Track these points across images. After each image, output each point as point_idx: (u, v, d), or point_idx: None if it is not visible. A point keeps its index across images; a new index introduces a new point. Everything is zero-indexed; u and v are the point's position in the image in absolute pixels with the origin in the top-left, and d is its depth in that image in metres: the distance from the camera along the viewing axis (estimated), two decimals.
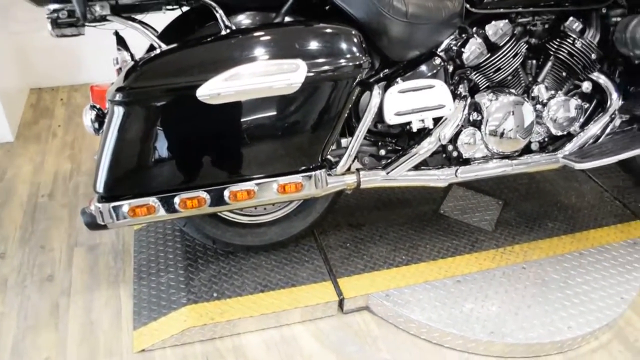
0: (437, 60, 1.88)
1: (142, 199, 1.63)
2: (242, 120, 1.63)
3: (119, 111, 1.51)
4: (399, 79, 1.83)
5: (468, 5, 1.86)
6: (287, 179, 1.71)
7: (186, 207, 1.66)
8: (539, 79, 2.03)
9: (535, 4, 1.89)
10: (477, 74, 1.95)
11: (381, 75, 1.86)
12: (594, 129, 2.07)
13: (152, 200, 1.63)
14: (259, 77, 1.55)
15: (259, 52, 1.57)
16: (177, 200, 1.65)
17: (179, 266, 2.03)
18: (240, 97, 1.57)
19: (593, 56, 2.00)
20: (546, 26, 2.01)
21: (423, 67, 1.86)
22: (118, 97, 1.49)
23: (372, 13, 1.69)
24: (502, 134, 1.95)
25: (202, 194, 1.66)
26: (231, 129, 1.65)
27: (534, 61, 2.03)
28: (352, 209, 2.34)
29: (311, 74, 1.57)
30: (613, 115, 2.07)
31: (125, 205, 1.61)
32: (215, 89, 1.52)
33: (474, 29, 1.92)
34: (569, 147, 2.06)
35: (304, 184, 1.72)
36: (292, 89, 1.57)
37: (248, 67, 1.54)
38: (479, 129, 1.94)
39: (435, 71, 1.87)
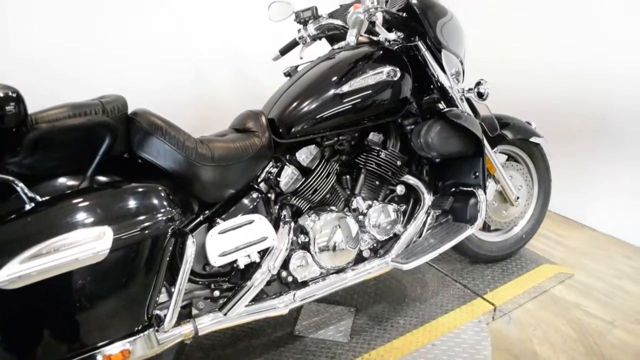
0: (255, 194, 1.94)
1: None
2: (55, 296, 1.53)
3: None
4: (218, 220, 1.86)
5: (275, 138, 1.97)
6: (111, 348, 1.61)
7: None
8: (356, 192, 2.16)
9: (336, 126, 2.05)
10: (297, 198, 2.04)
11: (201, 218, 1.87)
12: (415, 226, 2.22)
13: None
14: (62, 252, 1.48)
15: (61, 224, 1.51)
16: None
17: None
18: (45, 275, 1.49)
19: (398, 163, 2.18)
20: (353, 143, 2.17)
21: (242, 203, 1.91)
22: None
23: (180, 163, 1.73)
24: (332, 249, 2.02)
25: None
26: (44, 308, 1.54)
27: (348, 176, 2.17)
28: (207, 349, 2.26)
29: (119, 238, 1.54)
30: (429, 211, 2.24)
31: None
32: (14, 274, 1.43)
33: (287, 156, 2.03)
34: (397, 248, 2.18)
35: (131, 349, 1.63)
36: (100, 257, 1.52)
37: (49, 243, 1.48)
38: (308, 250, 2.00)
39: (254, 205, 1.92)
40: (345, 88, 2.02)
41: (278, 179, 1.98)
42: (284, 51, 2.47)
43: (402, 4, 2.15)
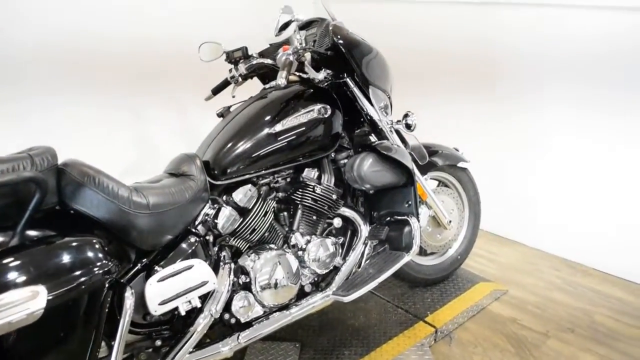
0: (193, 238, 1.93)
1: None
2: None
3: None
4: (157, 267, 1.84)
5: (211, 180, 1.98)
6: None
7: None
8: (294, 228, 2.19)
9: (271, 165, 2.08)
10: (236, 239, 2.04)
11: (139, 266, 1.85)
12: (354, 258, 2.27)
13: None
14: None
15: None
16: None
17: None
18: None
19: (334, 196, 2.23)
20: (288, 179, 2.21)
21: (180, 248, 1.90)
22: None
23: (114, 212, 1.70)
24: (274, 287, 2.04)
25: None
26: None
27: (286, 213, 2.20)
28: None
29: (54, 296, 1.49)
30: (366, 242, 2.30)
31: None
32: None
33: (224, 198, 2.03)
34: (337, 281, 2.22)
35: None
36: (34, 318, 1.47)
37: None
38: (250, 290, 2.01)
39: (192, 249, 1.91)
40: (278, 127, 2.06)
41: (215, 221, 1.98)
42: (216, 91, 2.49)
43: (329, 44, 2.23)
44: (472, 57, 3.41)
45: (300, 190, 2.18)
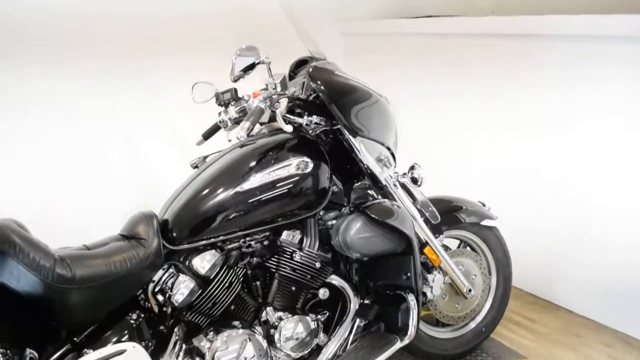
0: (135, 314, 1.66)
1: None
2: None
3: None
4: (86, 349, 1.57)
5: (167, 244, 1.71)
6: None
7: None
8: (269, 300, 1.88)
9: (240, 228, 1.79)
10: (194, 314, 1.76)
11: (69, 346, 1.59)
12: (338, 338, 1.92)
13: None
14: None
15: None
16: None
17: None
18: None
19: (317, 265, 1.90)
20: (265, 243, 1.90)
21: (117, 328, 1.64)
22: None
23: (36, 286, 1.49)
24: None
25: None
26: None
27: (259, 282, 1.90)
28: None
29: None
30: (354, 319, 1.95)
31: None
32: None
33: (185, 264, 1.76)
34: None
35: None
36: None
37: None
38: None
39: (132, 328, 1.64)
40: (247, 185, 1.77)
41: (170, 291, 1.70)
42: (207, 135, 2.24)
43: (310, 90, 1.93)
44: None
45: (276, 256, 1.87)
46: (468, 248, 2.48)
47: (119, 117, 3.02)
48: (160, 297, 1.76)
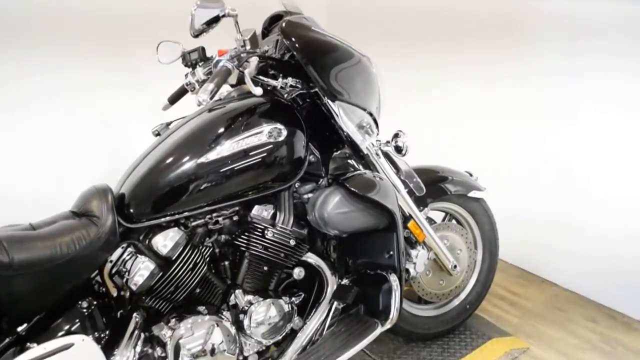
0: (86, 302, 1.47)
1: None
2: None
3: None
4: (29, 343, 1.39)
5: (123, 221, 1.52)
6: None
7: None
8: (239, 282, 1.70)
9: (204, 203, 1.60)
10: (153, 299, 1.58)
11: (11, 338, 1.41)
12: (315, 322, 1.77)
13: None
14: None
15: None
16: None
17: None
18: None
19: (292, 242, 1.73)
20: (234, 218, 1.72)
21: (65, 318, 1.45)
22: None
23: None
24: None
25: None
26: None
27: (227, 262, 1.72)
28: None
29: None
30: (332, 301, 1.79)
31: None
32: None
33: (145, 243, 1.57)
34: (291, 352, 1.72)
35: None
36: None
37: None
38: None
39: (81, 318, 1.46)
40: (213, 155, 1.58)
41: (127, 275, 1.52)
42: (173, 100, 2.02)
43: (284, 49, 1.72)
44: None
45: (246, 234, 1.69)
46: (454, 221, 2.33)
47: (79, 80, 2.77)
48: (118, 280, 1.58)
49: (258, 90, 1.56)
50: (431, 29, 3.11)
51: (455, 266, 2.18)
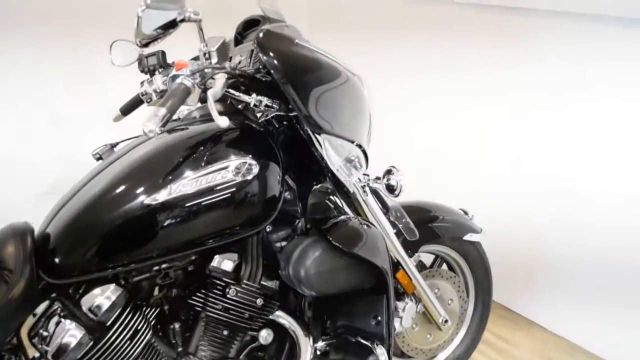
0: None
1: None
2: None
3: None
4: None
5: (44, 275, 1.18)
6: None
7: None
8: (191, 349, 1.38)
9: (150, 255, 1.27)
10: None
11: None
12: None
13: None
14: None
15: None
16: None
17: None
18: None
19: (259, 301, 1.41)
20: (189, 269, 1.40)
21: None
22: None
23: None
24: None
25: None
26: None
27: (178, 324, 1.39)
28: None
29: None
30: None
31: None
32: None
33: (68, 302, 1.24)
34: None
35: None
36: None
37: None
38: None
39: None
40: (166, 193, 1.25)
41: (46, 347, 1.18)
42: (126, 111, 1.68)
43: (260, 63, 1.40)
44: None
45: (203, 291, 1.36)
46: (445, 266, 2.05)
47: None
48: (39, 343, 1.24)
49: (223, 121, 1.22)
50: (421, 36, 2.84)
51: (446, 321, 1.90)
